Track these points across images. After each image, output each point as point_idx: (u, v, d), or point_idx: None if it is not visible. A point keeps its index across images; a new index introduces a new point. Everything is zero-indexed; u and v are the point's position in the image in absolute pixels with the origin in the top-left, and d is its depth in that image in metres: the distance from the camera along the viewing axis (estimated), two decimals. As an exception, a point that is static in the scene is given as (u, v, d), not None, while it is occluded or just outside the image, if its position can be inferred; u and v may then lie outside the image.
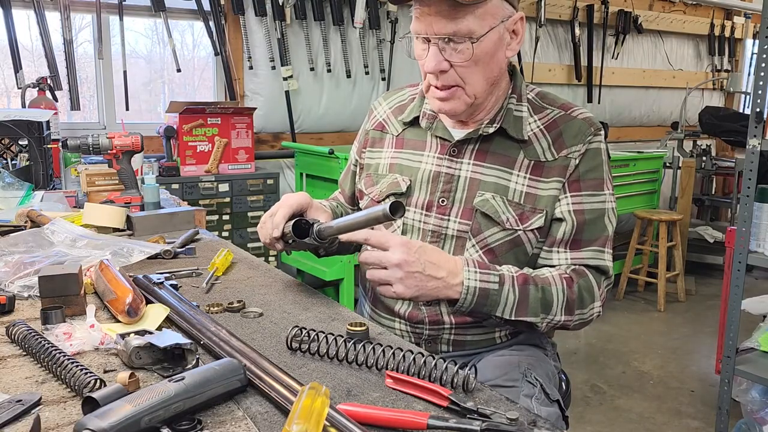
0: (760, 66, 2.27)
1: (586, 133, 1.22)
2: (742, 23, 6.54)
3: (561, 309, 1.15)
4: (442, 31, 1.12)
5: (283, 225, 1.21)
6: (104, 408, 0.70)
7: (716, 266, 4.87)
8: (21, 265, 1.27)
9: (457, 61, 1.15)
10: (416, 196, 1.28)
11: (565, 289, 1.16)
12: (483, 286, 1.11)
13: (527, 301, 1.13)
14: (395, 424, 0.75)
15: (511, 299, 1.12)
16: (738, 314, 2.40)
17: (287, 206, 1.24)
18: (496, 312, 1.13)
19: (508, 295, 1.12)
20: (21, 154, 2.20)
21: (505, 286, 1.12)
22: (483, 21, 1.13)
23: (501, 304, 1.12)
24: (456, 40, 1.13)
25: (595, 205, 1.21)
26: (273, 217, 1.23)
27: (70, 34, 3.27)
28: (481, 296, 1.11)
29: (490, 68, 1.18)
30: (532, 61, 5.00)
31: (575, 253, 1.21)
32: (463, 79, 1.17)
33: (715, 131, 4.98)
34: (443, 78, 1.17)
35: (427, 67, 1.16)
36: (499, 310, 1.13)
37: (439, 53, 1.14)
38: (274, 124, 3.96)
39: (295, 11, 3.84)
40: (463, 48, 1.13)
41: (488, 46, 1.15)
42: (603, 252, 1.22)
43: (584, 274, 1.19)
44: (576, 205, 1.20)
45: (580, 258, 1.21)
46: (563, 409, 1.23)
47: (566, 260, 1.21)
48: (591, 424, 2.75)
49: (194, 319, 1.03)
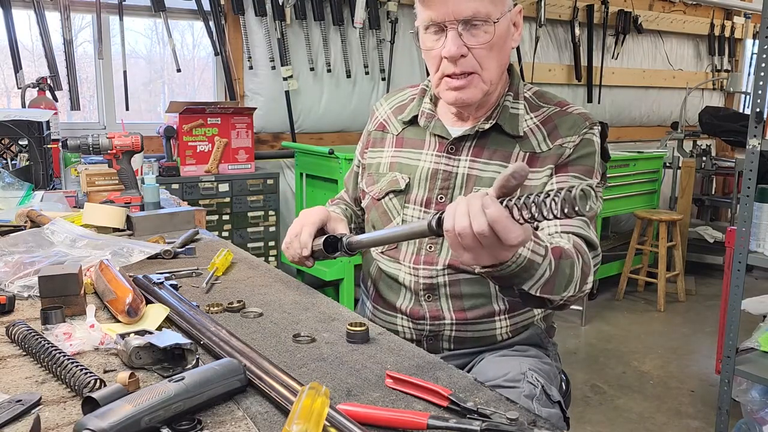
0: (760, 66, 2.27)
1: (582, 126, 1.23)
2: (742, 23, 6.54)
3: (575, 285, 1.08)
4: (462, 13, 1.13)
5: (311, 243, 1.22)
6: (104, 408, 0.70)
7: (716, 266, 4.87)
8: (21, 265, 1.27)
9: (476, 44, 1.16)
10: (415, 193, 1.29)
11: (579, 263, 1.09)
12: (532, 257, 0.96)
13: (556, 278, 1.03)
14: (395, 424, 0.75)
15: (546, 275, 1.00)
16: (738, 314, 2.40)
17: (311, 224, 1.24)
18: (523, 285, 0.99)
19: (545, 271, 0.99)
20: (21, 154, 2.20)
21: (546, 261, 0.99)
22: (497, 5, 1.16)
23: (534, 278, 0.99)
24: (475, 23, 1.14)
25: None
26: (299, 237, 1.24)
27: (70, 34, 3.27)
28: (524, 268, 0.96)
29: (502, 55, 1.21)
30: (532, 61, 4.99)
31: (563, 221, 1.13)
32: (481, 64, 1.18)
33: (715, 131, 4.98)
34: (462, 63, 1.17)
35: (447, 52, 1.16)
36: (529, 284, 0.99)
37: (458, 38, 1.15)
38: (274, 124, 3.96)
39: (295, 11, 3.84)
40: (481, 31, 1.15)
41: (503, 30, 1.18)
42: (589, 226, 1.18)
43: (584, 252, 1.14)
44: (563, 183, 1.19)
45: (569, 225, 1.15)
46: (564, 410, 1.23)
47: (555, 227, 1.16)
48: (591, 424, 2.75)
49: (194, 319, 1.02)
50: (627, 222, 5.44)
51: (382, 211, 1.34)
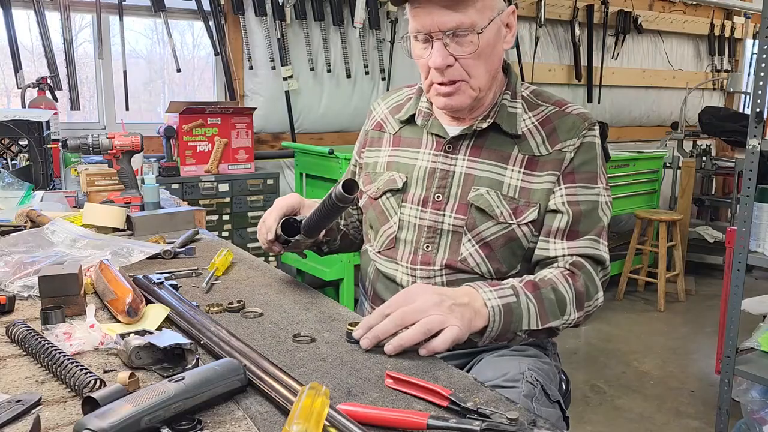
0: (760, 66, 2.27)
1: (581, 128, 1.23)
2: (742, 23, 6.54)
3: (573, 305, 1.13)
4: (446, 25, 1.14)
5: (275, 227, 1.24)
6: (104, 408, 0.70)
7: (716, 266, 4.87)
8: (21, 265, 1.27)
9: (461, 55, 1.16)
10: (412, 192, 1.29)
11: (571, 284, 1.14)
12: (504, 302, 1.05)
13: (544, 305, 1.10)
14: (395, 424, 0.75)
15: (532, 308, 1.08)
16: (738, 314, 2.40)
17: (277, 209, 1.27)
18: (522, 326, 1.07)
19: (528, 305, 1.08)
20: (21, 154, 2.20)
21: (521, 296, 1.08)
22: (483, 14, 1.15)
23: (525, 315, 1.07)
24: (460, 34, 1.14)
25: (589, 197, 1.22)
26: (265, 222, 1.27)
27: (70, 34, 3.27)
28: (506, 312, 1.05)
29: (491, 61, 1.21)
30: (532, 61, 4.99)
31: (572, 243, 1.20)
32: (468, 72, 1.19)
33: (715, 131, 4.98)
34: (449, 73, 1.18)
35: (433, 63, 1.17)
36: (525, 322, 1.07)
37: (444, 48, 1.16)
38: (274, 124, 3.96)
39: (295, 11, 3.84)
40: (467, 41, 1.15)
41: (490, 37, 1.18)
42: (599, 242, 1.22)
43: (583, 266, 1.18)
44: (570, 197, 1.21)
45: (576, 247, 1.20)
46: (563, 410, 1.23)
47: (563, 249, 1.20)
48: (591, 424, 2.75)
49: (194, 319, 1.02)
50: (627, 222, 5.44)
51: (379, 211, 1.34)
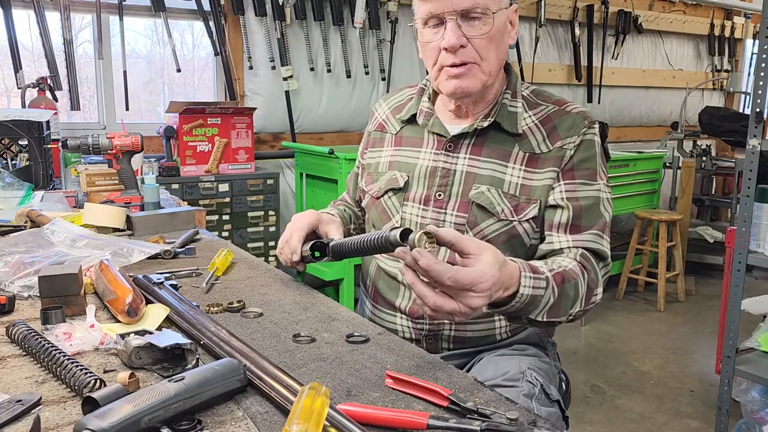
0: (760, 66, 2.27)
1: (581, 126, 1.23)
2: (742, 23, 6.54)
3: (581, 301, 1.12)
4: (461, 5, 1.15)
5: (300, 249, 1.26)
6: (104, 408, 0.70)
7: (716, 266, 4.87)
8: (21, 265, 1.27)
9: (475, 35, 1.17)
10: (414, 191, 1.30)
11: (585, 279, 1.13)
12: (534, 293, 1.02)
13: (561, 302, 1.08)
14: (395, 424, 0.75)
15: (550, 302, 1.06)
16: (738, 314, 2.40)
17: (300, 229, 1.27)
18: (529, 315, 1.06)
19: (549, 299, 1.06)
20: (21, 154, 2.20)
21: (548, 290, 1.05)
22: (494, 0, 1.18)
23: (539, 308, 1.05)
24: (473, 15, 1.16)
25: (589, 193, 1.22)
26: (289, 243, 1.27)
27: (70, 34, 3.27)
28: (529, 303, 1.03)
29: (501, 48, 1.22)
30: (532, 61, 4.99)
31: (575, 236, 1.20)
32: (480, 54, 1.19)
33: (715, 131, 4.98)
34: (461, 53, 1.18)
35: (447, 43, 1.17)
36: (534, 313, 1.05)
37: (458, 28, 1.17)
38: (274, 124, 3.96)
39: (295, 11, 3.84)
40: (480, 23, 1.17)
41: (501, 23, 1.20)
42: (602, 237, 1.21)
43: (589, 260, 1.18)
44: (570, 193, 1.21)
45: (580, 240, 1.19)
46: (563, 410, 1.23)
47: (567, 242, 1.19)
48: (591, 424, 2.75)
49: (194, 319, 1.03)
50: (627, 222, 5.44)
51: (381, 210, 1.34)
